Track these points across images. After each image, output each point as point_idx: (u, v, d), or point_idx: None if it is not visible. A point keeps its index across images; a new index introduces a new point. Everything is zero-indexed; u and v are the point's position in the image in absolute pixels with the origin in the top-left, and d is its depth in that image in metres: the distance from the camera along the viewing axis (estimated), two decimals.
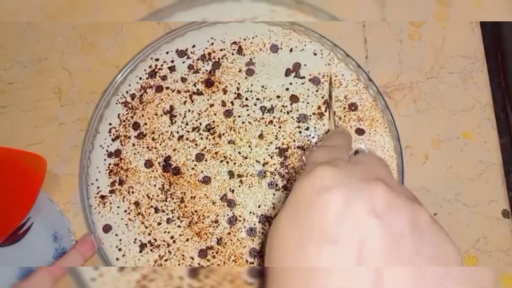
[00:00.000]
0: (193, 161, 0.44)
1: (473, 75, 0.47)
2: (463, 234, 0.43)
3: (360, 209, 0.23)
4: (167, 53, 0.47)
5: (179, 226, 0.43)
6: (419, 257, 0.23)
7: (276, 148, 0.44)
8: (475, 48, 0.47)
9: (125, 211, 0.44)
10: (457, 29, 0.48)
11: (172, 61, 0.47)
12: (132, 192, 0.44)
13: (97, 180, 0.45)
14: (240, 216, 0.43)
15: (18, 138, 0.48)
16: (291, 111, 0.44)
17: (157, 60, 0.47)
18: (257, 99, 0.45)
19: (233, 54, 0.46)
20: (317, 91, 0.44)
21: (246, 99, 0.45)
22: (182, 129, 0.45)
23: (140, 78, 0.47)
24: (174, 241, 0.43)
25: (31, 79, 0.49)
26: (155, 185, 0.44)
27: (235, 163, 0.44)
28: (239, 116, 0.45)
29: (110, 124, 0.46)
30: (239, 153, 0.44)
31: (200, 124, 0.45)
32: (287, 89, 0.45)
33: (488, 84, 0.46)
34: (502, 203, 0.44)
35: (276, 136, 0.44)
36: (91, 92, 0.48)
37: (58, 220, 0.44)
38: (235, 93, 0.45)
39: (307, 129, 0.44)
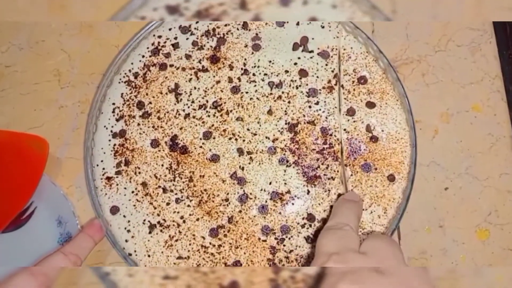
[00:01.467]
0: (200, 139, 0.43)
1: (481, 47, 0.46)
2: (474, 208, 0.43)
3: None
4: (169, 29, 0.45)
5: (188, 206, 0.42)
6: None
7: (285, 123, 0.43)
8: (483, 19, 0.47)
9: (133, 192, 0.43)
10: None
11: (176, 38, 0.45)
12: (139, 173, 0.43)
13: (102, 161, 0.43)
14: (251, 193, 0.42)
15: (18, 122, 0.46)
16: (300, 85, 0.43)
17: (159, 37, 0.45)
18: (265, 74, 0.44)
19: (238, 29, 0.45)
20: (326, 65, 0.43)
21: (254, 74, 0.44)
22: (188, 107, 0.44)
23: (143, 56, 0.45)
24: (184, 221, 0.42)
25: (29, 62, 0.48)
26: (162, 165, 0.43)
27: (244, 140, 0.43)
28: (246, 92, 0.44)
29: (113, 104, 0.45)
30: (248, 129, 0.43)
31: (207, 101, 0.44)
32: (295, 63, 0.44)
33: (497, 56, 0.46)
34: None
35: (285, 111, 0.43)
36: (91, 73, 0.47)
37: (62, 204, 0.43)
38: (241, 69, 0.44)
39: (317, 103, 0.43)
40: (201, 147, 0.43)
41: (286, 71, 0.44)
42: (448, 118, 0.45)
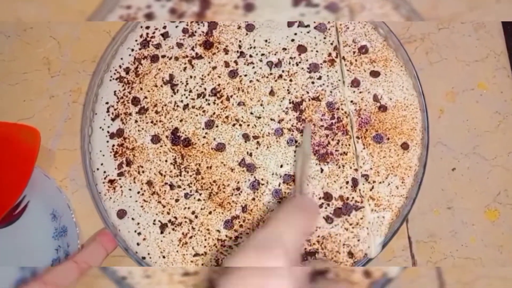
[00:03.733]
0: (203, 129, 0.41)
1: (485, 23, 0.44)
2: (483, 188, 0.41)
3: None
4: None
5: (199, 200, 0.40)
6: None
7: (290, 102, 0.41)
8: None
9: (138, 192, 0.41)
10: None
11: (165, 27, 0.43)
12: (143, 172, 0.41)
13: (102, 164, 0.41)
14: (262, 179, 0.40)
15: (7, 113, 0.44)
16: (300, 62, 0.42)
17: (147, 28, 0.43)
18: (262, 54, 0.42)
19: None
20: (324, 38, 0.42)
21: (250, 56, 0.42)
22: (186, 98, 0.42)
23: (132, 50, 0.43)
24: (196, 216, 0.40)
25: (17, 50, 0.46)
26: (166, 161, 0.41)
27: (248, 125, 0.41)
28: (245, 75, 0.42)
29: (107, 103, 0.42)
30: (251, 113, 0.41)
31: (205, 89, 0.42)
32: (292, 40, 0.42)
33: (502, 32, 0.44)
34: None
35: (288, 90, 0.41)
36: (82, 61, 0.45)
37: (56, 197, 0.41)
38: (237, 51, 0.42)
39: (319, 78, 0.41)
40: (204, 137, 0.41)
41: (284, 49, 0.42)
42: (454, 97, 0.43)
